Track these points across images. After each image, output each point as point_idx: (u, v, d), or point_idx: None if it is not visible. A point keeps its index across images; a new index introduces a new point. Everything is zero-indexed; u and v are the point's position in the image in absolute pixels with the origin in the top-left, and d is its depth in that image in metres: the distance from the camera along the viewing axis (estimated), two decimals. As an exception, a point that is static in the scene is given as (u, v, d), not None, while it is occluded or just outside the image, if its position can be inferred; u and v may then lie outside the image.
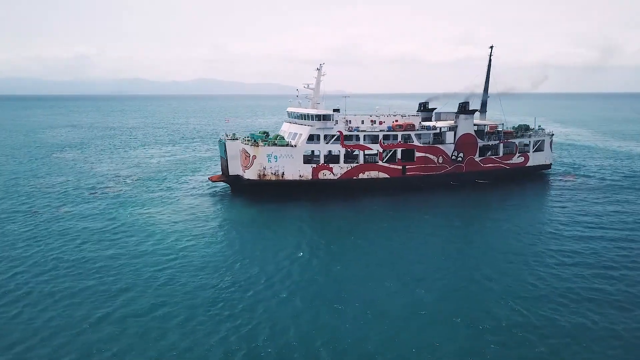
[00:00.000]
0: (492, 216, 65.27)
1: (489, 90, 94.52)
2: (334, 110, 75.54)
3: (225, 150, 75.01)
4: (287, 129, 79.84)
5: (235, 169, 75.03)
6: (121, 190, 76.80)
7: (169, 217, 61.59)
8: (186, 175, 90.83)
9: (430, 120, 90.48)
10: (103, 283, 41.10)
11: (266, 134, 78.36)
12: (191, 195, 74.07)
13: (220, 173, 79.83)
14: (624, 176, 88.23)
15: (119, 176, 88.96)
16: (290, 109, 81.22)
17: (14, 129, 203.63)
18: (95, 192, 75.00)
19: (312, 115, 73.65)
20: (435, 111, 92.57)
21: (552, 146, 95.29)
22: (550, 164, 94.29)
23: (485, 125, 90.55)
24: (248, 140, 73.36)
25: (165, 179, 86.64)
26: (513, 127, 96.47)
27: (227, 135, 76.40)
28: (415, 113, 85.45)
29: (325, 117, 73.15)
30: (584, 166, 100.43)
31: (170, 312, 36.00)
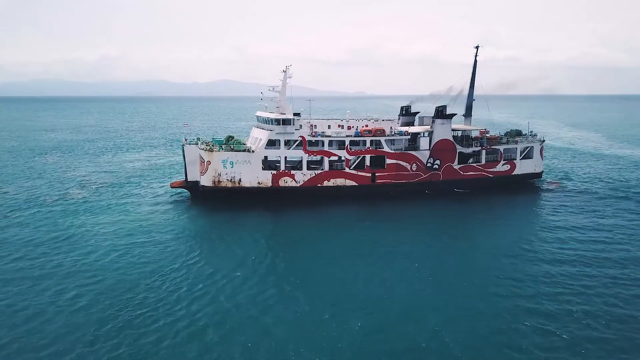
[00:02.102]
0: (457, 232, 59.58)
1: (475, 93, 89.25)
2: (295, 115, 71.36)
3: (184, 156, 71.94)
4: (252, 134, 76.27)
5: (193, 174, 71.86)
6: (82, 196, 73.92)
7: (116, 227, 58.18)
8: (155, 180, 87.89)
9: (413, 125, 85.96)
10: (11, 305, 37.73)
11: (231, 138, 74.77)
12: (148, 202, 70.83)
13: (183, 179, 76.60)
14: (615, 189, 79.86)
15: (89, 181, 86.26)
16: (257, 113, 77.47)
17: (19, 131, 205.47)
18: (56, 199, 72.21)
19: (271, 120, 69.80)
20: (418, 115, 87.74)
21: (543, 153, 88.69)
22: (541, 172, 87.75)
23: (470, 130, 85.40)
24: (206, 145, 69.96)
25: (131, 184, 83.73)
26: (506, 133, 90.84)
27: (186, 140, 73.19)
28: (389, 117, 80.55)
29: (285, 122, 69.13)
30: (577, 175, 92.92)
31: (65, 348, 32.02)
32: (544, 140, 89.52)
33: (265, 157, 70.44)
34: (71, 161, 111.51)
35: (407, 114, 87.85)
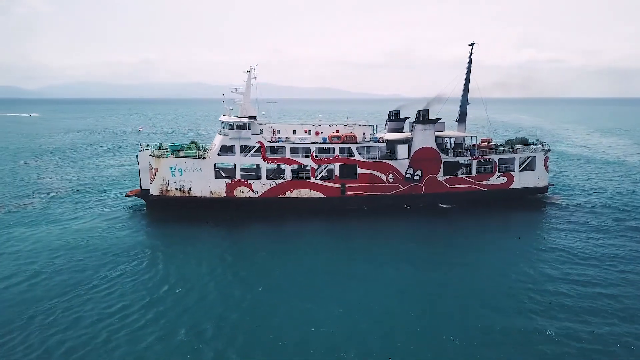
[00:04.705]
0: (435, 258, 50.09)
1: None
2: (250, 118, 64.67)
3: (138, 162, 66.67)
4: (214, 140, 70.22)
5: (147, 182, 66.39)
6: (35, 205, 69.07)
7: (46, 243, 52.72)
8: (119, 188, 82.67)
9: (402, 132, 78.00)
10: None
11: (194, 143, 68.97)
12: (98, 212, 65.28)
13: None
14: (630, 211, 67.54)
15: (55, 188, 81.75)
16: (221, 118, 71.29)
17: (29, 133, 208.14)
18: (9, 209, 67.84)
19: (225, 124, 63.51)
20: (407, 121, 79.40)
21: (548, 164, 78.11)
22: (546, 186, 77.02)
23: (463, 137, 76.60)
24: (156, 151, 64.41)
25: (94, 192, 78.74)
26: (507, 141, 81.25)
27: (141, 146, 67.90)
28: (366, 123, 72.66)
29: (239, 126, 62.65)
30: (591, 193, 79.35)
31: None
32: (549, 150, 79.12)
33: (236, 166, 64.32)
34: (56, 165, 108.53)
35: (396, 120, 79.75)
